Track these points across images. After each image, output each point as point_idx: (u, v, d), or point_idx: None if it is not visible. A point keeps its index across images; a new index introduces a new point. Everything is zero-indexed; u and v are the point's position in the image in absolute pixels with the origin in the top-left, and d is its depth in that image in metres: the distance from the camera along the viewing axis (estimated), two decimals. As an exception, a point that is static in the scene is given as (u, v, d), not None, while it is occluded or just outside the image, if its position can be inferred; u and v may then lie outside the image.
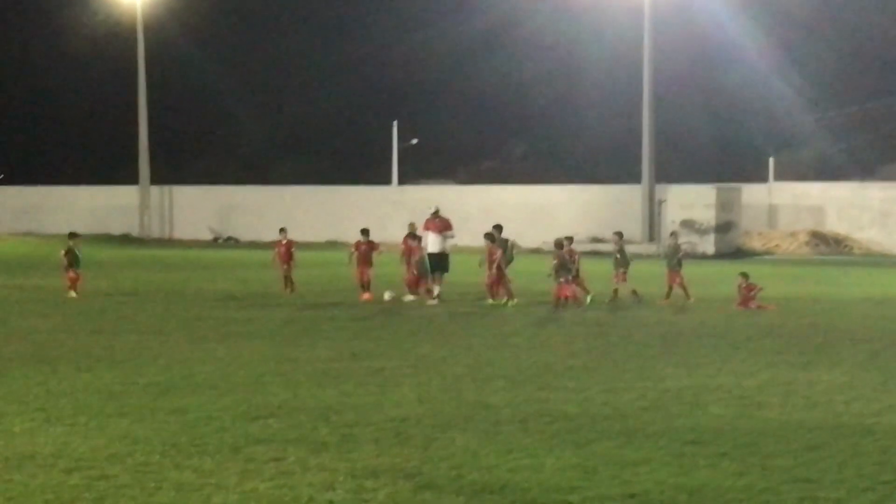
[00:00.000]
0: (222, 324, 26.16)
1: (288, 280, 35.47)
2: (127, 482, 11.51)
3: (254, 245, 70.59)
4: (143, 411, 15.12)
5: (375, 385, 17.44)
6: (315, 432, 13.87)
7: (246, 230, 79.67)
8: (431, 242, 33.65)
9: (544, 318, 28.28)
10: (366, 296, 32.68)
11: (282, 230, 37.17)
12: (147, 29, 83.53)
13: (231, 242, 78.08)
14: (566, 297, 30.95)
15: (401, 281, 33.84)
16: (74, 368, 18.89)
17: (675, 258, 34.09)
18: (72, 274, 34.25)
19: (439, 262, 33.28)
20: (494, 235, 32.92)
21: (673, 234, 35.81)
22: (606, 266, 34.93)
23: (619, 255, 33.74)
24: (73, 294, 33.37)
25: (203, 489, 11.30)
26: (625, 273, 33.33)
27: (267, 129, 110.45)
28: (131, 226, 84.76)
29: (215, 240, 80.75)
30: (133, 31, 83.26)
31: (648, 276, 37.32)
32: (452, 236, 34.15)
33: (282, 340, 23.13)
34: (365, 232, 34.41)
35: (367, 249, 33.95)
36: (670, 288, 33.29)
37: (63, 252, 34.78)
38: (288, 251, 35.89)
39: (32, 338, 23.28)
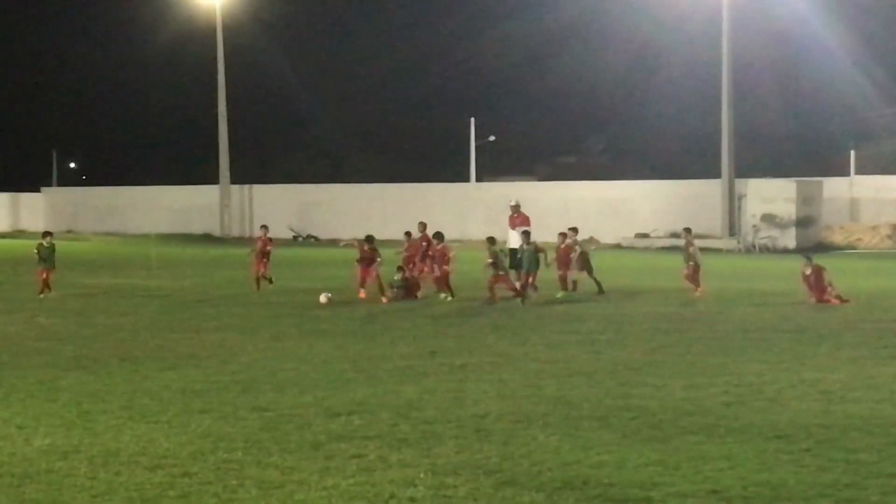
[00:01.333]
0: (303, 322, 26.31)
1: (260, 280, 34.60)
2: (209, 479, 11.60)
3: (333, 243, 70.85)
4: (225, 409, 15.25)
5: (455, 382, 17.46)
6: (396, 429, 13.91)
7: (325, 228, 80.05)
8: (513, 238, 33.64)
9: (623, 314, 28.14)
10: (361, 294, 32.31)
11: (263, 227, 36.25)
12: (226, 29, 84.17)
13: (311, 240, 78.46)
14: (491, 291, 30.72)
15: (472, 282, 33.58)
16: (158, 366, 19.09)
17: (687, 253, 33.35)
18: (42, 273, 32.85)
19: (515, 257, 32.96)
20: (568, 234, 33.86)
21: (686, 230, 34.33)
22: (679, 261, 34.66)
23: (689, 251, 33.15)
24: (42, 295, 32.30)
25: (285, 486, 11.37)
26: (694, 269, 32.79)
27: (345, 128, 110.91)
28: (212, 225, 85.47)
29: (295, 238, 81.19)
30: (212, 31, 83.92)
31: (728, 270, 37.05)
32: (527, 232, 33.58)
33: (362, 338, 23.21)
34: (370, 239, 32.85)
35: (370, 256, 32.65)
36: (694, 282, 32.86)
37: (35, 249, 33.40)
38: (264, 248, 34.88)
39: (116, 336, 23.55)
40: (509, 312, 28.54)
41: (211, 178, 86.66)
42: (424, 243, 33.64)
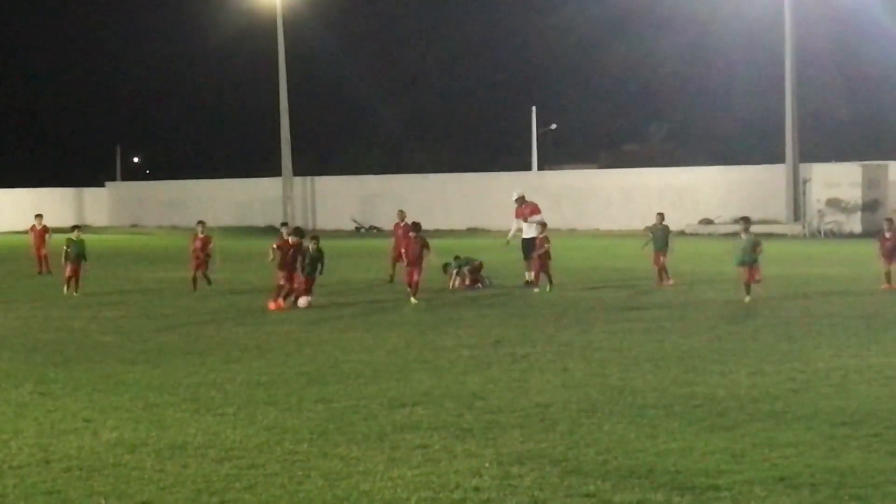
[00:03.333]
0: (367, 312, 26.38)
1: (197, 279, 32.61)
2: (276, 471, 11.66)
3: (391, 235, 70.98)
4: (290, 400, 15.31)
5: (519, 371, 17.45)
6: (460, 419, 13.92)
7: (388, 219, 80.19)
8: (525, 229, 33.27)
9: (687, 301, 27.99)
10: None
11: (200, 223, 34.02)
12: (286, 22, 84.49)
13: (373, 232, 78.67)
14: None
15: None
16: (223, 359, 19.21)
17: (664, 240, 32.42)
18: (70, 269, 31.75)
19: (530, 247, 32.48)
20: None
21: (659, 214, 33.38)
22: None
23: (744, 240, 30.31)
24: (67, 291, 31.45)
25: (351, 477, 11.41)
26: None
27: (405, 118, 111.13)
28: (275, 217, 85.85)
29: (358, 229, 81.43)
30: (272, 25, 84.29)
31: (794, 256, 36.74)
32: (541, 221, 32.93)
33: (425, 328, 23.24)
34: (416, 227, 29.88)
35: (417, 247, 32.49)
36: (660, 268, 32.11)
37: (65, 246, 32.27)
38: (205, 247, 32.82)
39: (182, 329, 23.72)
40: (572, 301, 28.45)
41: (273, 170, 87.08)
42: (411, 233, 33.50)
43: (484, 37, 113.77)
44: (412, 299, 28.09)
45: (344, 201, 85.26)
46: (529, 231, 32.98)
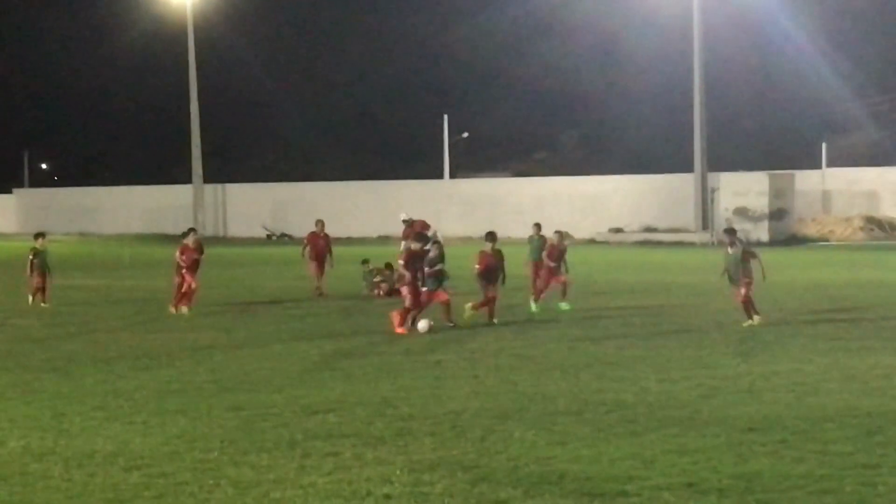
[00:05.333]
0: (279, 320, 26.27)
1: (38, 292, 30.16)
2: (186, 479, 11.58)
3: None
4: (200, 408, 15.21)
5: (431, 378, 17.47)
6: (372, 426, 13.91)
7: (299, 227, 79.99)
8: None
9: (598, 308, 28.18)
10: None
11: (38, 236, 31.03)
12: (197, 28, 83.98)
13: (285, 239, 78.37)
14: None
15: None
16: (132, 367, 19.03)
17: (541, 253, 30.09)
18: (36, 280, 30.07)
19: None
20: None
21: (536, 224, 32.52)
22: (658, 255, 34.76)
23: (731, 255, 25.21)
24: (33, 302, 29.83)
25: (261, 485, 11.35)
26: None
27: (318, 126, 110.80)
28: (186, 224, 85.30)
29: (269, 237, 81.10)
30: (183, 30, 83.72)
31: (702, 264, 37.11)
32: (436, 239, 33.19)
33: (337, 336, 23.19)
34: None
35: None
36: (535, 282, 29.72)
37: (30, 255, 30.26)
38: (42, 263, 30.07)
39: (91, 337, 23.47)
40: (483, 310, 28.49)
41: (184, 177, 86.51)
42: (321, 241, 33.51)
43: (397, 45, 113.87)
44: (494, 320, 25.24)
45: (255, 208, 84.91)
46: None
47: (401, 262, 24.92)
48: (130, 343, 22.37)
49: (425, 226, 33.60)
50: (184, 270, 28.35)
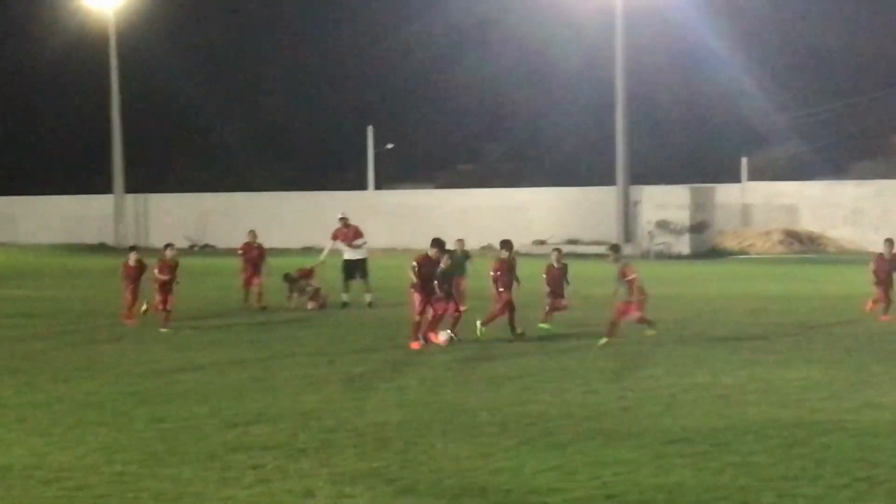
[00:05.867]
0: (201, 332, 26.09)
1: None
2: (105, 492, 11.47)
3: (231, 252, 70.45)
4: (120, 421, 15.07)
5: (355, 390, 17.44)
6: (294, 439, 13.86)
7: (222, 237, 79.52)
8: (346, 251, 33.06)
9: (523, 320, 28.22)
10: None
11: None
12: (120, 35, 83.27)
13: (208, 250, 77.86)
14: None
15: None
16: (51, 379, 18.82)
17: (463, 268, 29.70)
18: None
19: (355, 269, 32.64)
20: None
21: (459, 240, 32.50)
22: (581, 267, 34.92)
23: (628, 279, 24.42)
24: None
25: (182, 498, 11.27)
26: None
27: (242, 136, 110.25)
28: (106, 235, 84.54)
29: (192, 247, 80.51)
30: (106, 37, 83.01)
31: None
32: (363, 243, 33.20)
33: (261, 347, 23.08)
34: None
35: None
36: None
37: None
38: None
39: (7, 349, 23.18)
40: (407, 320, 28.49)
41: (105, 187, 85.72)
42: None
43: (322, 55, 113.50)
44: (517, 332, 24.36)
45: (178, 219, 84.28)
46: (355, 254, 33.02)
47: (413, 264, 23.81)
48: (49, 355, 22.12)
49: (359, 233, 33.48)
50: (157, 287, 27.11)
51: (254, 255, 32.91)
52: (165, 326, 26.31)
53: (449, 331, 23.44)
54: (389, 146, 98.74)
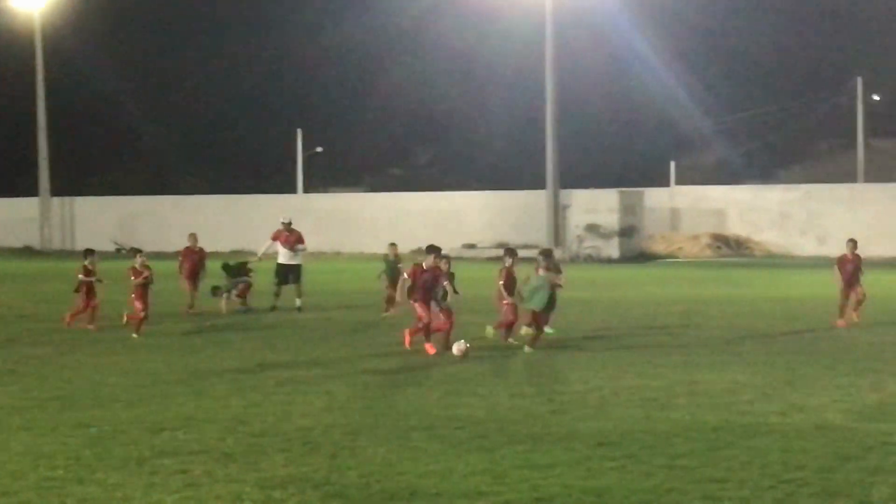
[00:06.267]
0: (127, 336, 25.85)
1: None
2: (30, 499, 11.33)
3: (159, 256, 69.92)
4: (45, 425, 14.90)
5: (283, 394, 17.35)
6: (222, 443, 13.76)
7: (150, 241, 78.93)
8: (282, 255, 33.10)
9: (455, 326, 28.20)
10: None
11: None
12: (45, 38, 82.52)
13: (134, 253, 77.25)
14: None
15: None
16: (-25, 383, 18.58)
17: (395, 272, 29.76)
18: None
19: (290, 273, 32.68)
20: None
21: (392, 245, 32.52)
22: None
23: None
24: None
25: (108, 503, 11.16)
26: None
27: (170, 138, 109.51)
28: (32, 238, 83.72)
29: (118, 251, 79.83)
30: (31, 39, 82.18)
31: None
32: (304, 249, 33.55)
33: (187, 351, 22.92)
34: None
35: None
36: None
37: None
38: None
39: (-69, 353, 22.86)
40: (337, 324, 28.47)
41: (30, 190, 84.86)
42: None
43: (252, 58, 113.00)
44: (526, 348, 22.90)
45: (104, 222, 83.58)
46: (295, 258, 32.97)
47: (406, 276, 23.59)
48: (-26, 359, 21.84)
49: (301, 238, 33.48)
50: (133, 296, 26.74)
51: (194, 260, 32.70)
52: (139, 333, 25.89)
53: (463, 341, 22.15)
54: (318, 150, 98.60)
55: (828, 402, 16.38)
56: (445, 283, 23.21)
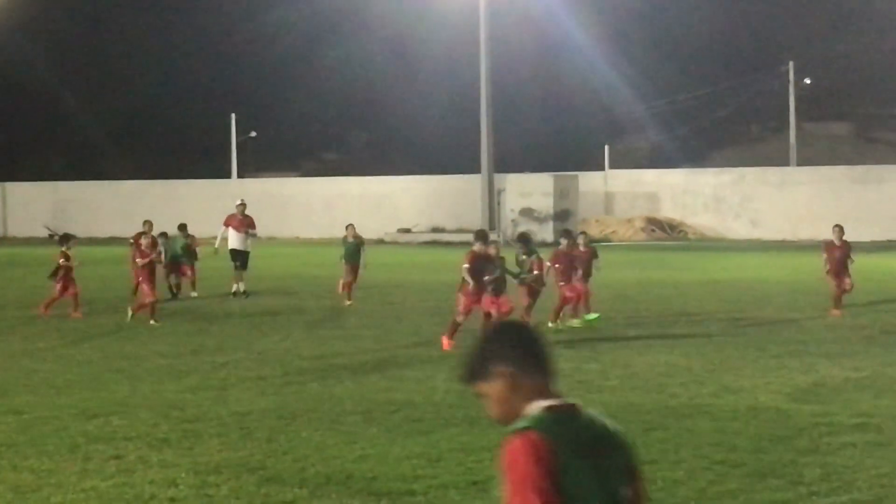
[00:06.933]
0: (61, 322, 25.66)
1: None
2: (-38, 486, 11.24)
3: (92, 242, 69.40)
4: (-23, 413, 14.78)
5: (218, 380, 17.30)
6: (156, 429, 13.71)
7: (83, 227, 78.28)
8: (233, 239, 32.56)
9: (387, 309, 28.27)
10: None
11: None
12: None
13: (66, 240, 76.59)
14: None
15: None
16: None
17: (356, 255, 29.69)
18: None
19: (240, 258, 32.24)
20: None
21: (350, 226, 32.02)
22: (446, 256, 35.06)
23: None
24: None
25: (41, 490, 11.09)
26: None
27: (103, 123, 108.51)
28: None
29: (51, 237, 79.09)
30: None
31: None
32: (255, 235, 33.16)
33: (122, 337, 22.79)
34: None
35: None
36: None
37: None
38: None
39: None
40: (271, 309, 28.39)
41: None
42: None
43: (185, 41, 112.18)
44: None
45: (36, 208, 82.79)
46: (246, 243, 32.49)
47: (465, 266, 21.28)
48: None
49: (253, 223, 32.84)
50: (140, 279, 25.88)
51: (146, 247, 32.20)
52: (156, 320, 24.96)
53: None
54: (252, 134, 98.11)
55: (760, 384, 16.56)
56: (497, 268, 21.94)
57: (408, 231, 70.02)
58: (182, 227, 33.66)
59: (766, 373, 17.57)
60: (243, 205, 33.56)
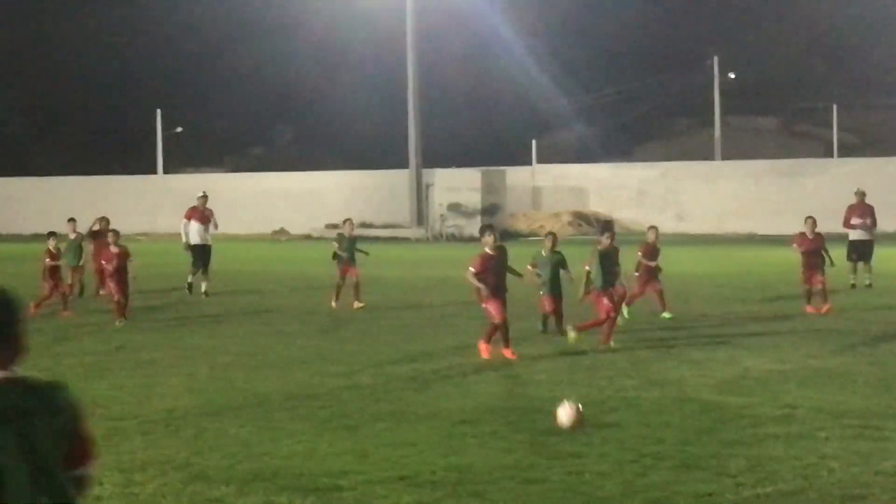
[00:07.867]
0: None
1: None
2: None
3: (15, 239, 68.66)
4: None
5: (144, 377, 17.17)
6: (81, 427, 13.54)
7: (4, 223, 77.40)
8: (195, 233, 31.34)
9: (314, 305, 28.18)
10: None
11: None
12: None
13: (-10, 236, 75.70)
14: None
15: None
16: None
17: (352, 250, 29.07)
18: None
19: (204, 256, 31.03)
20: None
21: (348, 220, 31.02)
22: (376, 250, 34.99)
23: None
24: None
25: (-37, 490, 10.94)
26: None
27: (26, 118, 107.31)
28: None
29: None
30: None
31: (417, 259, 37.41)
32: (216, 227, 31.62)
33: (45, 335, 22.52)
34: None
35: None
36: None
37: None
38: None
39: None
40: (199, 306, 28.22)
41: None
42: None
43: (109, 36, 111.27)
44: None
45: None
46: (207, 238, 31.55)
47: (472, 269, 19.20)
48: None
49: (212, 215, 31.37)
50: (108, 278, 25.24)
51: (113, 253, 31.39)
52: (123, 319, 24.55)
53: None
54: (178, 129, 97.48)
55: (686, 377, 16.68)
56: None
57: (335, 226, 69.83)
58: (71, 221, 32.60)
59: (692, 366, 17.69)
60: (205, 197, 31.98)
